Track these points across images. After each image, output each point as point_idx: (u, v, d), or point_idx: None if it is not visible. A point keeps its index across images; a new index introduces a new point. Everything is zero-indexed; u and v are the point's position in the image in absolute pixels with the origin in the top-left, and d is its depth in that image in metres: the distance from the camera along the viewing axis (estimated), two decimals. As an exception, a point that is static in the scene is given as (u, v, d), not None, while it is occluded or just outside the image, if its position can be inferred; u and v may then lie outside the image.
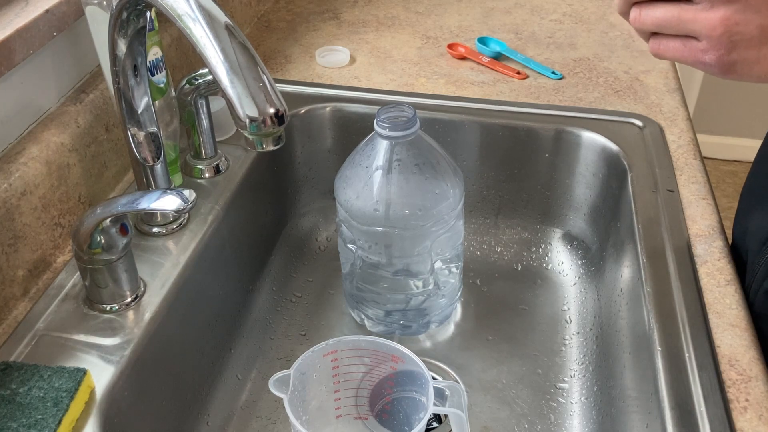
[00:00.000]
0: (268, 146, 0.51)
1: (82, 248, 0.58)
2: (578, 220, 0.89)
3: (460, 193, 0.74)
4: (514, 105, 0.88)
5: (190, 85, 0.71)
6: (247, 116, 0.49)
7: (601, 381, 0.73)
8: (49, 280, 0.65)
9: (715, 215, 0.72)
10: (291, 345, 0.81)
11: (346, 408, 0.67)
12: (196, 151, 0.76)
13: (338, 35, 1.05)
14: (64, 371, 0.54)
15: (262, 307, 0.83)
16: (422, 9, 1.12)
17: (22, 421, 0.51)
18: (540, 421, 0.72)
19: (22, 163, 0.62)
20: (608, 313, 0.76)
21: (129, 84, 0.61)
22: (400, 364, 0.62)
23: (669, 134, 0.84)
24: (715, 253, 0.67)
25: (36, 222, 0.64)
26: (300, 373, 0.60)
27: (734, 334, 0.59)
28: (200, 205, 0.73)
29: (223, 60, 0.48)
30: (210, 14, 0.49)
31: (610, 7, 1.13)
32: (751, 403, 0.54)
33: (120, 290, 0.61)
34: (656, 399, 0.56)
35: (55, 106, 0.70)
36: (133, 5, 0.56)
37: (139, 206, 0.56)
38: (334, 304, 0.85)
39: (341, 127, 0.90)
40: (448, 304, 0.81)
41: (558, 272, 0.88)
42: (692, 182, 0.76)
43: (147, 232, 0.69)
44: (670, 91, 0.92)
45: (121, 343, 0.59)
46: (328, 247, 0.93)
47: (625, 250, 0.74)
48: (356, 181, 0.72)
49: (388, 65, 0.97)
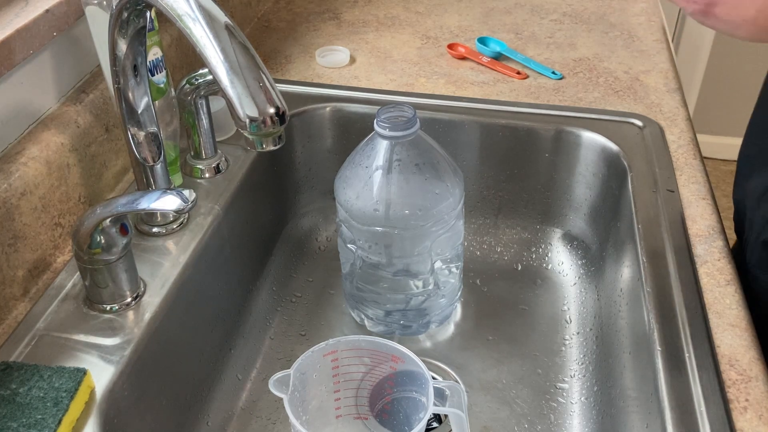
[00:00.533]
0: (268, 146, 0.51)
1: (82, 248, 0.58)
2: (578, 220, 0.89)
3: (460, 193, 0.74)
4: (514, 105, 0.88)
5: (190, 85, 0.71)
6: (247, 116, 0.49)
7: (601, 381, 0.73)
8: (49, 280, 0.65)
9: (715, 215, 0.72)
10: (291, 345, 0.81)
11: (346, 408, 0.67)
12: (196, 151, 0.76)
13: (338, 35, 1.05)
14: (64, 371, 0.54)
15: (262, 307, 0.83)
16: (422, 9, 1.12)
17: (22, 421, 0.51)
18: (540, 421, 0.72)
19: (22, 163, 0.62)
20: (608, 313, 0.76)
21: (129, 84, 0.61)
22: (400, 364, 0.62)
23: (669, 134, 0.84)
24: (715, 253, 0.67)
25: (36, 222, 0.64)
26: (300, 373, 0.60)
27: (734, 334, 0.59)
28: (200, 205, 0.73)
29: (223, 60, 0.48)
30: (210, 14, 0.49)
31: (610, 7, 1.13)
32: (751, 403, 0.54)
33: (120, 290, 0.61)
34: (656, 399, 0.56)
35: (55, 106, 0.70)
36: (133, 5, 0.56)
37: (139, 206, 0.56)
38: (334, 304, 0.85)
39: (341, 127, 0.90)
40: (448, 304, 0.81)
41: (558, 272, 0.88)
42: (692, 182, 0.76)
43: (147, 232, 0.69)
44: (670, 91, 0.92)
45: (121, 343, 0.59)
46: (328, 247, 0.93)
47: (625, 250, 0.74)
48: (356, 181, 0.72)
49: (388, 65, 0.97)
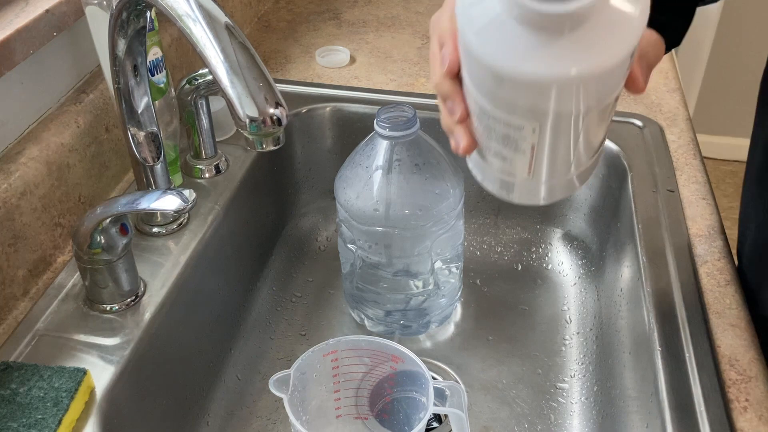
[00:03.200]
0: (268, 146, 0.51)
1: (82, 248, 0.58)
2: (578, 220, 0.89)
3: (460, 193, 0.74)
4: (514, 105, 0.88)
5: (190, 85, 0.71)
6: (247, 116, 0.49)
7: (601, 381, 0.73)
8: (49, 280, 0.65)
9: (715, 215, 0.72)
10: (291, 345, 0.81)
11: (346, 408, 0.67)
12: (196, 151, 0.76)
13: (338, 35, 1.05)
14: (64, 371, 0.54)
15: (262, 307, 0.83)
16: (422, 9, 1.12)
17: (22, 421, 0.51)
18: (540, 421, 0.72)
19: (22, 163, 0.62)
20: (608, 313, 0.76)
21: (129, 84, 0.61)
22: (400, 364, 0.62)
23: (669, 134, 0.84)
24: (715, 253, 0.67)
25: (36, 222, 0.64)
26: (300, 373, 0.60)
27: (734, 334, 0.59)
28: (200, 205, 0.73)
29: (223, 60, 0.48)
30: (210, 14, 0.49)
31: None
32: (751, 403, 0.54)
33: (120, 290, 0.61)
34: (656, 399, 0.56)
35: (55, 106, 0.70)
36: (133, 5, 0.56)
37: (139, 206, 0.56)
38: (334, 304, 0.85)
39: (341, 127, 0.90)
40: (448, 304, 0.81)
41: (558, 272, 0.88)
42: (692, 182, 0.76)
43: (147, 232, 0.69)
44: (670, 91, 0.92)
45: (121, 343, 0.59)
46: (328, 247, 0.93)
47: (625, 250, 0.74)
48: (356, 181, 0.72)
49: (388, 65, 0.97)
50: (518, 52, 0.34)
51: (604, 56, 0.34)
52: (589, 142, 0.41)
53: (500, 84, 0.36)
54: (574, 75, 0.34)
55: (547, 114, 0.37)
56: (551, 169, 0.42)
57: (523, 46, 0.34)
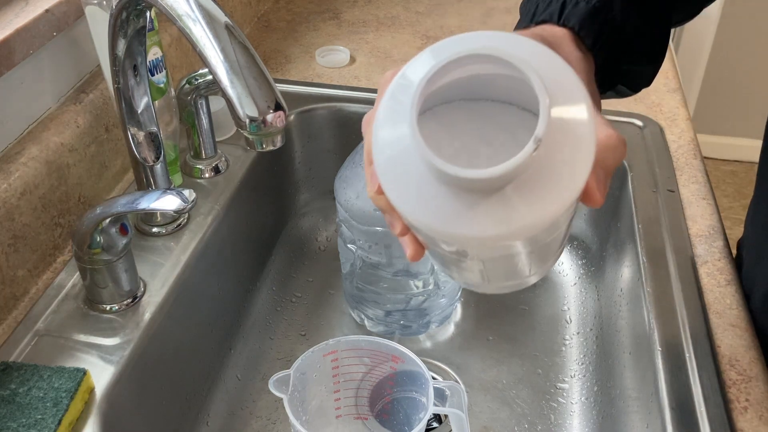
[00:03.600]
0: (268, 146, 0.51)
1: (82, 248, 0.58)
2: (578, 220, 0.89)
3: (460, 193, 0.74)
4: (514, 105, 0.88)
5: (190, 85, 0.71)
6: (246, 116, 0.49)
7: (601, 381, 0.73)
8: (49, 280, 0.65)
9: (715, 215, 0.72)
10: (291, 345, 0.81)
11: (346, 408, 0.67)
12: (196, 151, 0.76)
13: (338, 35, 1.05)
14: (63, 371, 0.54)
15: (262, 307, 0.83)
16: (422, 9, 1.12)
17: (22, 421, 0.51)
18: (540, 421, 0.72)
19: (22, 163, 0.62)
20: (608, 313, 0.76)
21: (129, 84, 0.61)
22: (400, 364, 0.62)
23: (669, 134, 0.84)
24: (715, 253, 0.67)
25: (36, 222, 0.63)
26: (300, 373, 0.60)
27: (734, 334, 0.59)
28: (200, 205, 0.73)
29: (223, 60, 0.48)
30: (210, 14, 0.49)
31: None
32: (752, 403, 0.54)
33: (120, 290, 0.61)
34: (656, 399, 0.56)
35: (55, 106, 0.70)
36: (133, 5, 0.56)
37: (139, 206, 0.56)
38: (334, 304, 0.85)
39: (341, 127, 0.90)
40: (448, 304, 0.81)
41: (558, 272, 0.88)
42: (692, 182, 0.76)
43: (147, 232, 0.69)
44: (670, 91, 0.92)
45: (121, 343, 0.59)
46: (328, 247, 0.93)
47: (625, 250, 0.74)
48: (356, 181, 0.72)
49: (388, 65, 0.97)
50: (443, 213, 0.30)
51: (537, 213, 0.29)
52: (543, 260, 0.38)
53: (429, 236, 0.33)
54: (504, 234, 0.30)
55: (485, 258, 0.35)
56: (506, 277, 0.40)
57: (449, 207, 0.30)
